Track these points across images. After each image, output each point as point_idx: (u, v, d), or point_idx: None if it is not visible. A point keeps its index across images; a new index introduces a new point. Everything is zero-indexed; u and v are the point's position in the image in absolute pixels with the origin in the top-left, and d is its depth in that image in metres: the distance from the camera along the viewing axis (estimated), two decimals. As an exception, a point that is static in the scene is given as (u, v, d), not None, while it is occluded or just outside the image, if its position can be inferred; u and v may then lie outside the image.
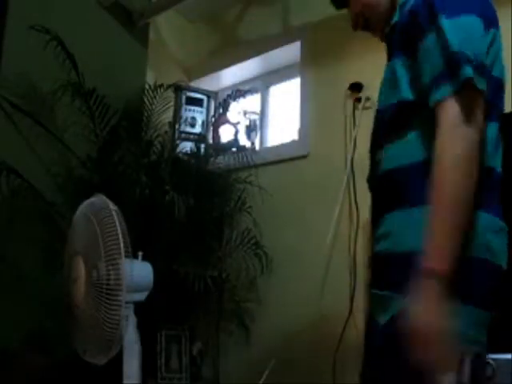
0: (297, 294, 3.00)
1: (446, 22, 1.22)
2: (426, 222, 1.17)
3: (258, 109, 3.73)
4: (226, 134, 3.60)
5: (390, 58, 1.44)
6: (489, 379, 1.83)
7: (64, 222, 2.87)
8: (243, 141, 3.60)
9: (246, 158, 3.30)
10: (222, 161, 3.38)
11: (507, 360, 1.83)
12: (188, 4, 3.47)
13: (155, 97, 3.28)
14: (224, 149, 3.46)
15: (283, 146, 3.44)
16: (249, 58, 3.69)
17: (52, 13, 3.17)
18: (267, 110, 3.76)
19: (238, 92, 3.43)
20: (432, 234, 1.15)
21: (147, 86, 3.34)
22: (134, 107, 3.29)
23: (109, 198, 2.22)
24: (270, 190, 3.21)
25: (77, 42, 3.10)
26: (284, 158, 3.32)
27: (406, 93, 1.32)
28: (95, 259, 2.14)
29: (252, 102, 3.71)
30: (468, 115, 1.17)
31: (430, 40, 1.24)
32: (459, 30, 1.22)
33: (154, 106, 3.28)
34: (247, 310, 3.16)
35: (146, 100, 3.30)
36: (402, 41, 1.34)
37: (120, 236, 2.10)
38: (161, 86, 3.28)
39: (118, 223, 2.11)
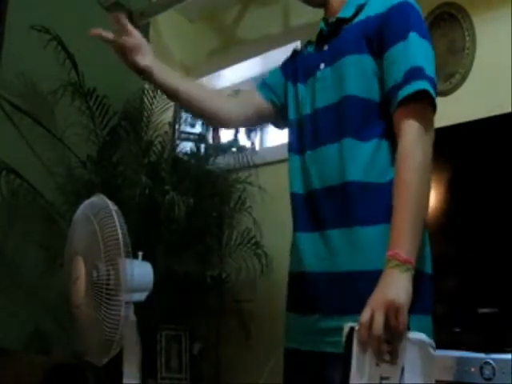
0: (297, 293, 2.99)
1: (416, 38, 1.29)
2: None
3: (258, 109, 3.72)
4: (225, 134, 3.60)
5: (338, 49, 1.46)
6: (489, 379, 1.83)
7: (64, 222, 2.87)
8: (243, 141, 3.60)
9: (246, 158, 3.30)
10: (221, 161, 3.37)
11: (507, 360, 1.83)
12: (188, 4, 3.45)
13: (155, 97, 3.28)
14: (224, 149, 3.46)
15: (283, 145, 3.42)
16: (249, 58, 3.68)
17: (52, 13, 3.17)
18: (267, 110, 3.74)
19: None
20: (402, 229, 1.22)
21: (147, 86, 3.34)
22: (134, 107, 3.28)
23: (109, 198, 2.21)
24: (269, 190, 3.20)
25: (77, 42, 3.09)
26: (284, 158, 3.30)
27: (375, 94, 1.36)
28: (95, 259, 2.14)
29: (252, 102, 3.70)
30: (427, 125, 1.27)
31: (399, 48, 1.30)
32: (425, 50, 1.31)
33: (153, 106, 3.28)
34: (247, 310, 3.16)
35: (145, 100, 3.30)
36: (367, 41, 1.37)
37: (120, 236, 2.09)
38: (161, 86, 3.27)
39: (118, 223, 2.10)
